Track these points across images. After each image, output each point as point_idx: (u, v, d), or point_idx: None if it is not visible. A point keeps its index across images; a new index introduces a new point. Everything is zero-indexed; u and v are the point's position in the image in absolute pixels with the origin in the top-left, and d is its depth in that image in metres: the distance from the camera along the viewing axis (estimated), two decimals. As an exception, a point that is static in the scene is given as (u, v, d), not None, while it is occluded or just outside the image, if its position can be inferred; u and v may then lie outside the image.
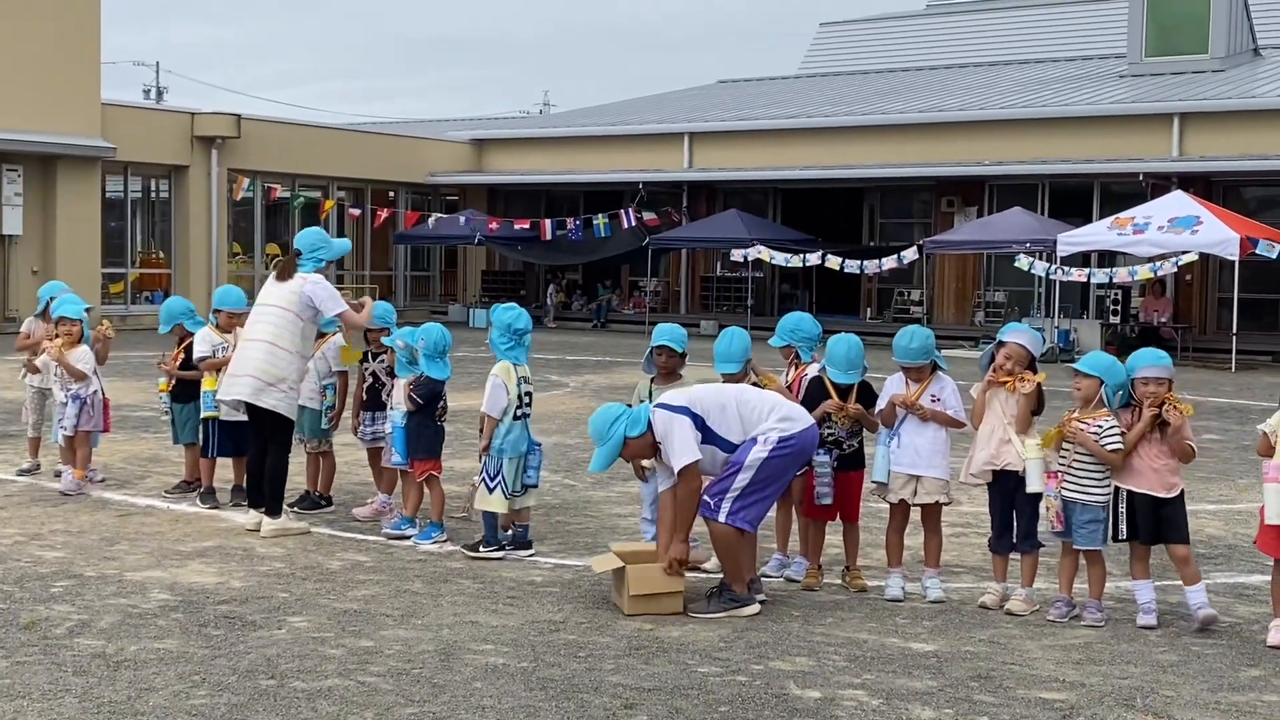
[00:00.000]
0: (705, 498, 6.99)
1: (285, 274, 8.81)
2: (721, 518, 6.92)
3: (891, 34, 40.96)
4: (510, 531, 8.26)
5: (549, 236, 30.22)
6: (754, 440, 6.96)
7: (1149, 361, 6.92)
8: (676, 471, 6.94)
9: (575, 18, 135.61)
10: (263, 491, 8.77)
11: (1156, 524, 6.88)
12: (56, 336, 10.06)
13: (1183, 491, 6.95)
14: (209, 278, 29.09)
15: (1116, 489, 6.95)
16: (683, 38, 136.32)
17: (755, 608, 6.97)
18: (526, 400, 8.17)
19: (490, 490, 8.04)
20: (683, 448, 6.91)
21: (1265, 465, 6.68)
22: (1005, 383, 7.18)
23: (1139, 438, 6.85)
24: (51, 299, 10.61)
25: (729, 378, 7.64)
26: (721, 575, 7.17)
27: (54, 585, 7.30)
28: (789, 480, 7.22)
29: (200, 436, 9.74)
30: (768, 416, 7.01)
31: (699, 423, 6.97)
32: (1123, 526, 6.92)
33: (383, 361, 9.33)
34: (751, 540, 7.14)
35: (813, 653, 6.33)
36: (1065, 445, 7.02)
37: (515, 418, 8.08)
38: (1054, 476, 7.00)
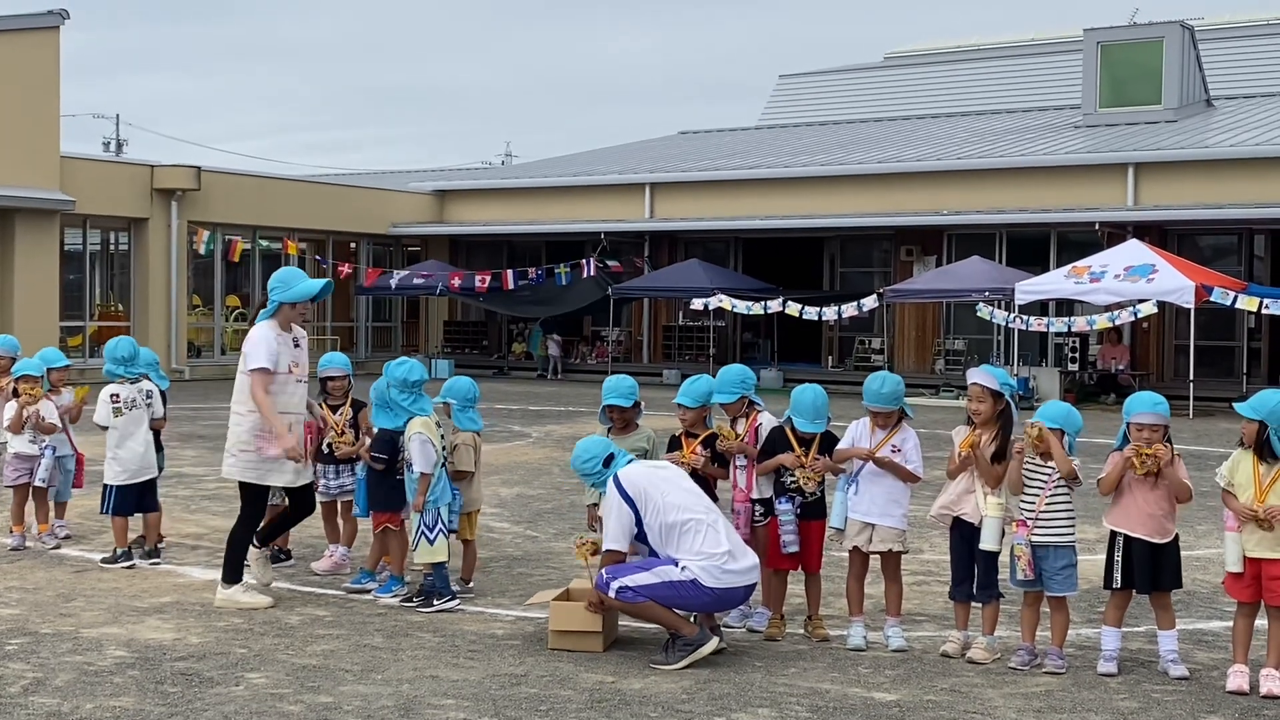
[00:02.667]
0: (603, 572, 7.16)
1: (253, 321, 8.52)
2: (611, 593, 7.06)
3: (850, 86, 41.38)
4: (430, 578, 8.23)
5: (511, 286, 30.30)
6: (674, 561, 7.06)
7: (1143, 408, 6.95)
8: (602, 549, 7.33)
9: (537, 70, 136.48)
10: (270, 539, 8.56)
11: (1153, 570, 6.90)
12: (18, 394, 9.98)
13: (1177, 536, 6.99)
14: (169, 330, 28.93)
15: (1113, 535, 6.97)
16: (644, 89, 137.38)
17: (713, 643, 6.97)
18: (446, 448, 8.37)
19: (431, 542, 8.07)
20: (614, 534, 7.19)
21: (1225, 514, 6.76)
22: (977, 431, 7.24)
23: (1119, 475, 6.88)
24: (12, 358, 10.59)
25: (684, 410, 7.90)
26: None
27: (8, 643, 7.20)
28: (686, 605, 7.12)
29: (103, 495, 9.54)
30: (695, 545, 7.04)
31: (638, 518, 7.15)
32: (1118, 575, 6.93)
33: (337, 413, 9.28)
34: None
35: (775, 703, 6.31)
36: (1032, 492, 7.03)
37: (441, 465, 8.24)
38: (1023, 525, 7.02)
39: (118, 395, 9.41)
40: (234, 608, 8.06)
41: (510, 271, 30.67)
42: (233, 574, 8.24)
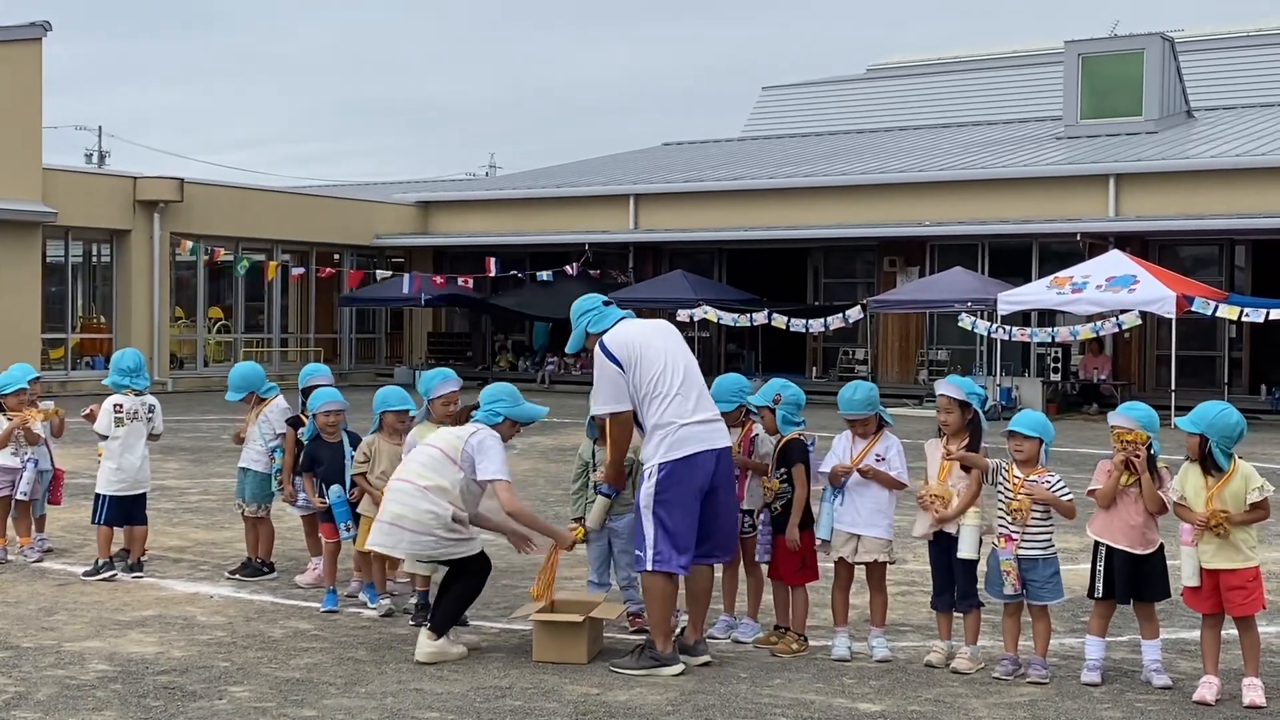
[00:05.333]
0: (636, 551, 7.16)
1: (459, 420, 7.83)
2: (648, 566, 7.03)
3: (833, 98, 41.49)
4: (415, 599, 8.19)
5: (493, 273, 30.73)
6: (644, 476, 7.11)
7: (1123, 412, 7.01)
8: (593, 413, 7.41)
9: (520, 81, 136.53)
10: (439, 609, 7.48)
11: (1135, 581, 6.91)
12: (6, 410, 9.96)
13: (1162, 546, 7.00)
14: (151, 342, 28.83)
15: (1096, 545, 6.99)
16: (627, 101, 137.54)
17: (678, 668, 6.95)
18: None
19: None
20: (609, 396, 7.22)
21: (1181, 528, 6.81)
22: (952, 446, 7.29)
23: (1114, 488, 6.90)
24: None
25: None
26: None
27: (-11, 657, 7.17)
28: (692, 497, 7.05)
29: (94, 505, 9.47)
30: (660, 417, 7.07)
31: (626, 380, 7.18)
32: (1099, 585, 6.95)
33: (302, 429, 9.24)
34: (673, 595, 7.15)
35: (760, 715, 6.31)
36: (1016, 510, 7.05)
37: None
38: (1010, 539, 7.03)
39: (120, 405, 9.39)
40: (442, 660, 7.21)
41: (492, 261, 30.98)
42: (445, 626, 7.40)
